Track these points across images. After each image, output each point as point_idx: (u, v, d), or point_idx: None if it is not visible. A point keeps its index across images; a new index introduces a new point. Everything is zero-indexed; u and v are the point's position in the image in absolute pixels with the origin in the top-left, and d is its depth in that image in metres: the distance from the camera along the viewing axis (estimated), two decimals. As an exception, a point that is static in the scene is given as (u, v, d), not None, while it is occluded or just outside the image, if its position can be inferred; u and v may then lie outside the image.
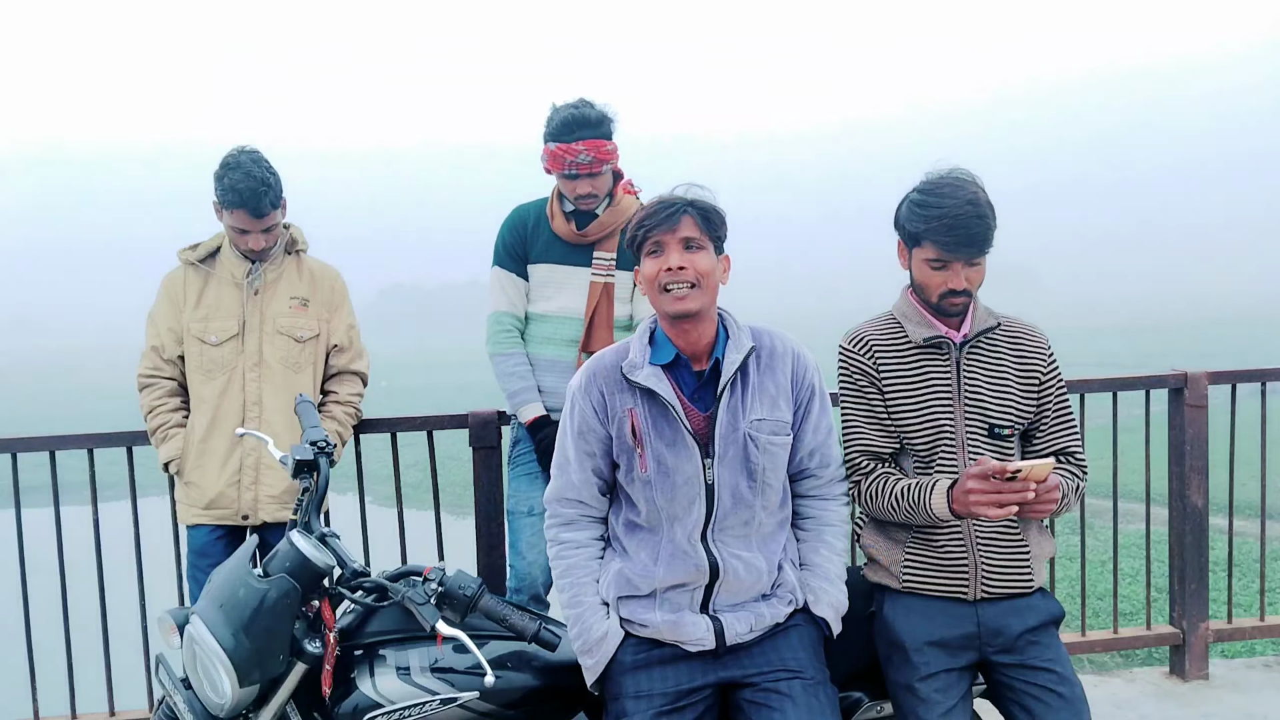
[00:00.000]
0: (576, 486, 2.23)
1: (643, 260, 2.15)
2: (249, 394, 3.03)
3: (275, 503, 3.03)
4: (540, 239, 3.14)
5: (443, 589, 2.03)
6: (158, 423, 3.08)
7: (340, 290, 3.22)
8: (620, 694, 2.12)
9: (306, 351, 3.10)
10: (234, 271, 3.08)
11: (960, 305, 2.25)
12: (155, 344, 3.10)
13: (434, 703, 2.09)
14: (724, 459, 2.14)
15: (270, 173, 2.97)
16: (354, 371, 3.22)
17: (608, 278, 3.10)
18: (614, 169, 3.11)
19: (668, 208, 2.12)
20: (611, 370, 2.20)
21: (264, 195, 2.93)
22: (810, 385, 2.24)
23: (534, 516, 3.11)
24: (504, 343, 3.13)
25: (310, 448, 2.27)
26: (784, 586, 2.21)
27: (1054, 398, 2.33)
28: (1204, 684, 3.72)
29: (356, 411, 3.22)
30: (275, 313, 3.08)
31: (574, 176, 3.02)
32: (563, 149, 2.99)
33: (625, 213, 3.10)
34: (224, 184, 2.94)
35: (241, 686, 2.02)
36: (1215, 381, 3.71)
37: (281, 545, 2.11)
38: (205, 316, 3.06)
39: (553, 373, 3.10)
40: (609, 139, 3.04)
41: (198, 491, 3.04)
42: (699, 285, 2.10)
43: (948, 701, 2.20)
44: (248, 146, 3.01)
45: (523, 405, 3.08)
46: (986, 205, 2.18)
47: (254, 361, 3.04)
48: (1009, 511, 2.05)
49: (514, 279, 3.15)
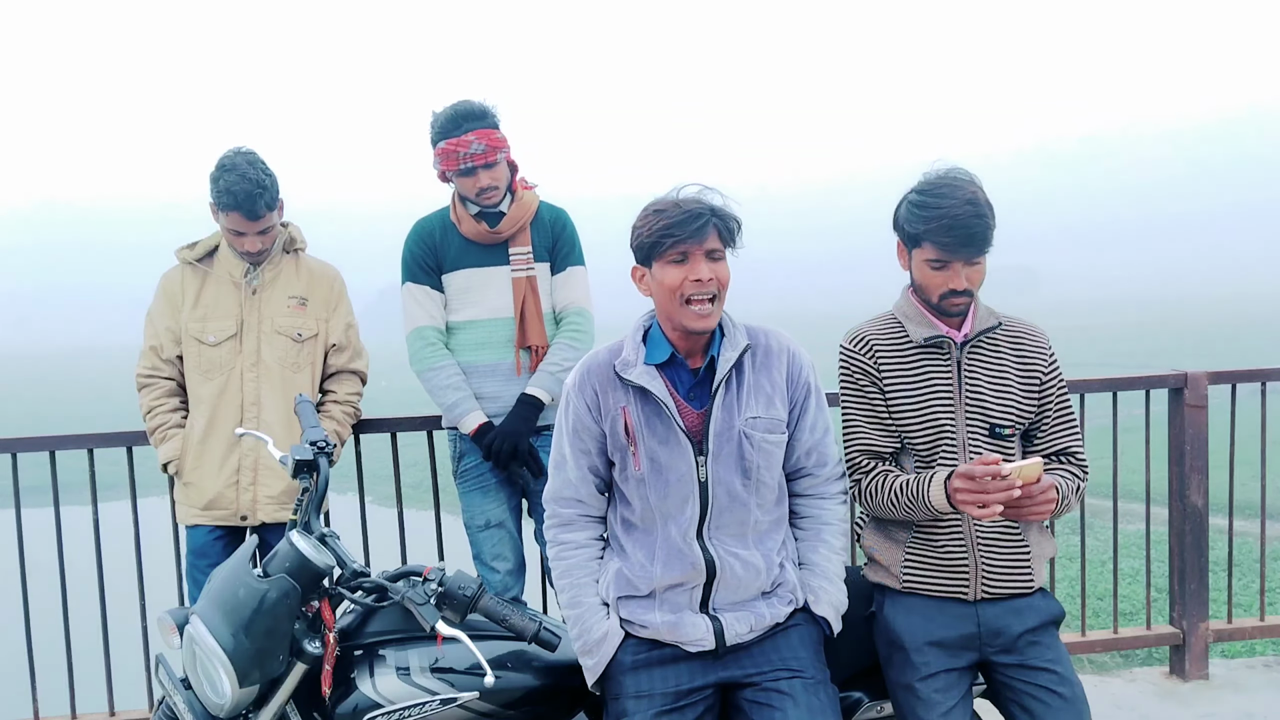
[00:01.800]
0: (574, 485, 2.23)
1: (658, 265, 2.11)
2: (247, 394, 3.02)
3: (274, 503, 3.03)
4: (451, 247, 3.09)
5: (443, 589, 2.03)
6: (156, 423, 3.07)
7: (339, 289, 3.20)
8: (621, 694, 2.12)
9: (305, 351, 3.09)
10: (232, 271, 3.07)
11: (961, 305, 2.25)
12: (154, 344, 3.09)
13: (434, 703, 2.09)
14: (719, 456, 2.14)
15: (266, 174, 2.94)
16: (353, 371, 3.21)
17: (529, 272, 3.07)
18: (509, 160, 3.06)
19: (696, 218, 2.07)
20: (605, 368, 2.20)
21: (259, 198, 2.90)
22: (806, 384, 2.24)
23: (492, 529, 3.09)
24: (430, 357, 3.08)
25: (310, 448, 2.27)
26: (784, 586, 2.21)
27: (1055, 397, 2.33)
28: (1204, 684, 3.72)
29: (355, 411, 3.21)
30: (273, 312, 3.06)
31: (470, 170, 2.96)
32: (453, 143, 2.95)
33: (530, 206, 3.09)
34: (219, 186, 2.90)
35: (241, 687, 2.02)
36: (1215, 381, 3.71)
37: (281, 545, 2.11)
38: (203, 316, 3.05)
39: (494, 377, 3.07)
40: (496, 129, 3.00)
41: (196, 492, 3.04)
42: (718, 298, 2.11)
43: (948, 702, 2.20)
44: (244, 147, 2.98)
45: (463, 416, 3.04)
46: (985, 205, 2.18)
47: (252, 362, 3.03)
48: (993, 512, 2.04)
49: (429, 292, 3.10)
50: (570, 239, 3.16)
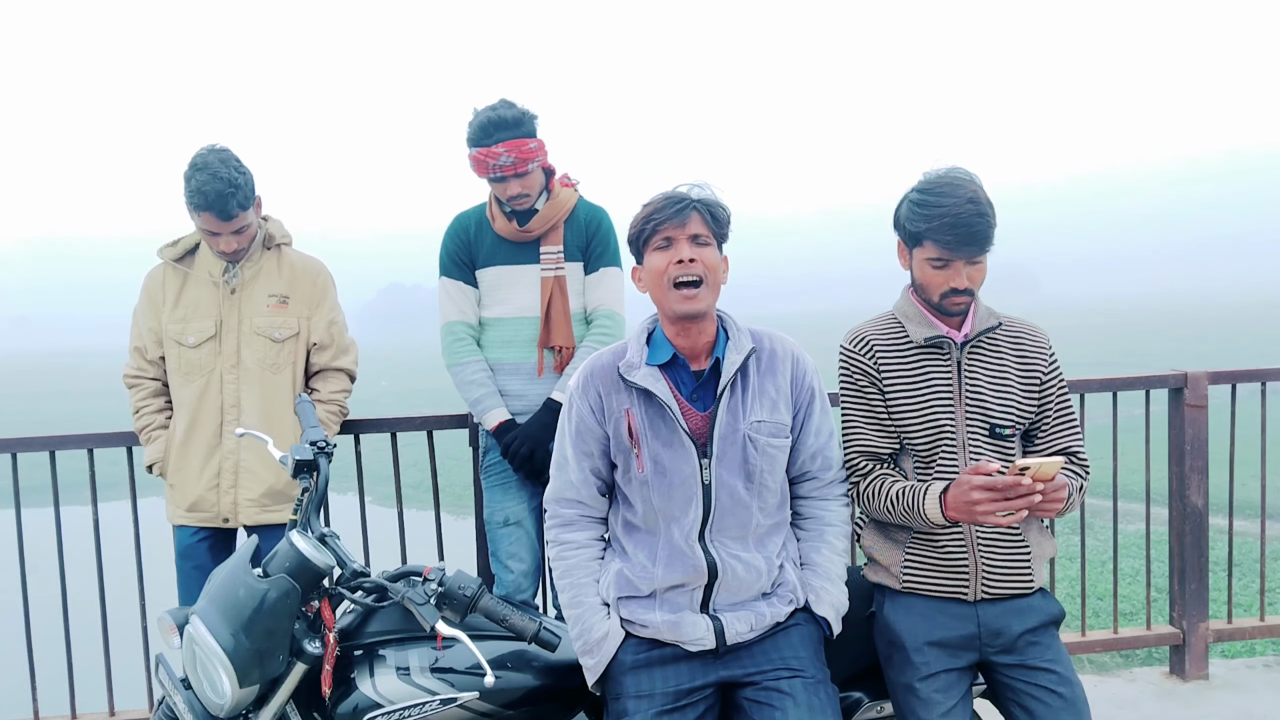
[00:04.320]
0: (575, 486, 2.23)
1: (647, 255, 2.15)
2: (227, 396, 2.99)
3: (254, 505, 3.01)
4: (485, 243, 3.09)
5: (443, 589, 2.03)
6: (142, 424, 3.08)
7: (322, 285, 3.14)
8: (621, 694, 2.12)
9: (285, 351, 3.05)
10: (211, 270, 3.03)
11: (962, 304, 2.25)
12: (138, 345, 3.08)
13: (434, 703, 2.09)
14: (723, 459, 2.15)
15: (239, 172, 2.88)
16: (338, 369, 3.16)
17: (558, 271, 3.05)
18: (544, 165, 3.04)
19: (676, 203, 2.12)
20: (609, 370, 2.20)
21: (231, 197, 2.84)
22: (810, 388, 2.25)
23: (509, 527, 3.07)
24: (460, 352, 3.09)
25: (310, 448, 2.28)
26: (785, 586, 2.21)
27: (1055, 398, 2.33)
28: (1204, 684, 3.72)
29: (341, 409, 3.17)
30: (252, 312, 3.02)
31: (501, 179, 2.95)
32: (483, 153, 2.93)
33: (564, 205, 3.06)
34: (191, 185, 2.84)
35: (241, 687, 2.02)
36: (1215, 381, 3.71)
37: (281, 545, 2.11)
38: (183, 318, 3.02)
39: (517, 377, 3.06)
40: (531, 137, 2.95)
41: (179, 494, 3.04)
42: (706, 282, 2.11)
43: (948, 702, 2.20)
44: (218, 145, 2.92)
45: (487, 412, 3.04)
46: (986, 204, 2.18)
47: (231, 363, 3.00)
48: (1020, 516, 2.03)
49: (462, 287, 3.10)
50: (605, 239, 3.12)
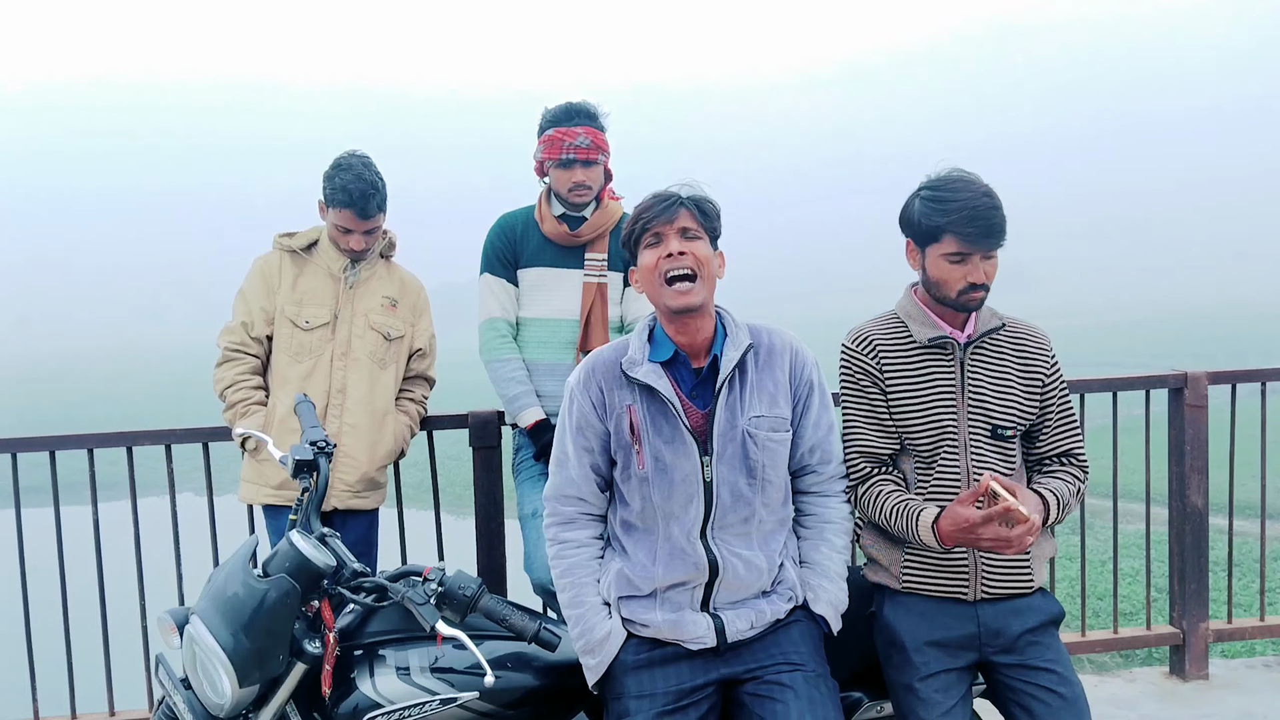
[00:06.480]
0: (575, 483, 2.23)
1: (640, 254, 2.17)
2: (334, 381, 3.07)
3: (349, 491, 3.06)
4: (530, 243, 3.15)
5: (443, 589, 2.03)
6: (238, 397, 3.08)
7: (424, 299, 3.33)
8: (622, 694, 2.12)
9: (393, 350, 3.17)
10: (330, 264, 3.14)
11: (979, 300, 2.25)
12: (245, 319, 3.11)
13: (434, 703, 2.09)
14: (723, 456, 2.15)
15: (379, 177, 3.05)
16: (428, 377, 3.34)
17: (600, 278, 3.12)
18: (606, 168, 3.14)
19: (664, 200, 2.16)
20: (610, 366, 2.20)
21: (371, 198, 3.01)
22: (809, 381, 2.25)
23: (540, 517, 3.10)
24: (499, 349, 3.13)
25: (310, 448, 2.28)
26: (784, 584, 2.21)
27: (1056, 399, 2.33)
28: (1204, 684, 3.72)
29: (423, 411, 3.33)
30: (368, 308, 3.14)
31: (570, 163, 3.04)
32: (561, 132, 3.03)
33: (612, 216, 3.15)
34: (334, 184, 3.01)
35: (241, 686, 2.02)
36: (1215, 381, 3.72)
37: (281, 545, 2.11)
38: (299, 301, 3.10)
39: (552, 377, 3.10)
40: (604, 131, 3.10)
41: (271, 470, 3.05)
42: (698, 275, 2.12)
43: (948, 701, 2.20)
44: (358, 151, 3.08)
45: (522, 410, 3.08)
46: (998, 199, 2.20)
47: (343, 350, 3.09)
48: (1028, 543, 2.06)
49: (504, 285, 3.16)
50: None
